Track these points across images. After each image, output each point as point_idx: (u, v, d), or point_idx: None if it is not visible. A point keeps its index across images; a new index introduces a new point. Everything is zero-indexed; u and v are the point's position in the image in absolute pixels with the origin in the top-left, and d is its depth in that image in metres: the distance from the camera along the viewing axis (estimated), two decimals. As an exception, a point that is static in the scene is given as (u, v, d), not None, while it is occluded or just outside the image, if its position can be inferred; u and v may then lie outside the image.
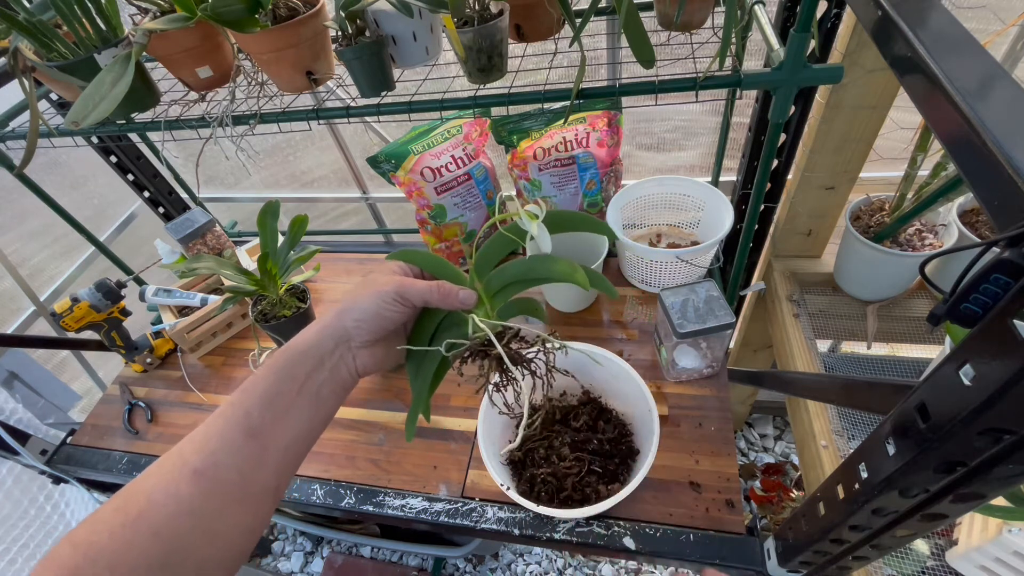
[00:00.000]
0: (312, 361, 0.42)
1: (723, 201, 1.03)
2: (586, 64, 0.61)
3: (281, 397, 0.40)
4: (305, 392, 0.41)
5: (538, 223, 0.44)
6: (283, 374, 0.41)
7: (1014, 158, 0.29)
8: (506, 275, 0.48)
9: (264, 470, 0.39)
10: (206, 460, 0.37)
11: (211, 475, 0.36)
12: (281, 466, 0.40)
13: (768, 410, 1.87)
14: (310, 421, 0.42)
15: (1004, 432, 0.29)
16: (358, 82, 0.69)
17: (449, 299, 0.45)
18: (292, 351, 0.42)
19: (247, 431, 0.38)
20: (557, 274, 0.46)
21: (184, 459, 0.37)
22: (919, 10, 0.44)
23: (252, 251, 1.36)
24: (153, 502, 0.35)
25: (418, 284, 0.45)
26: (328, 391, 0.43)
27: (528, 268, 0.47)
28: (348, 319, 0.43)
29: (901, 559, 0.76)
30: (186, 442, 0.38)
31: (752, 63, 1.08)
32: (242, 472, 0.37)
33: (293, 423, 0.40)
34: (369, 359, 0.45)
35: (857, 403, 0.64)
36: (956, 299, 0.31)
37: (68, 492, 1.37)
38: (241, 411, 0.39)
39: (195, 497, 0.35)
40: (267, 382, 0.41)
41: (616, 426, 0.86)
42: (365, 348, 0.44)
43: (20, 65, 0.68)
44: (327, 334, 0.43)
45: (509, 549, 1.70)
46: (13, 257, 1.28)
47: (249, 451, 0.38)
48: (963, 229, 0.89)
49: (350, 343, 0.44)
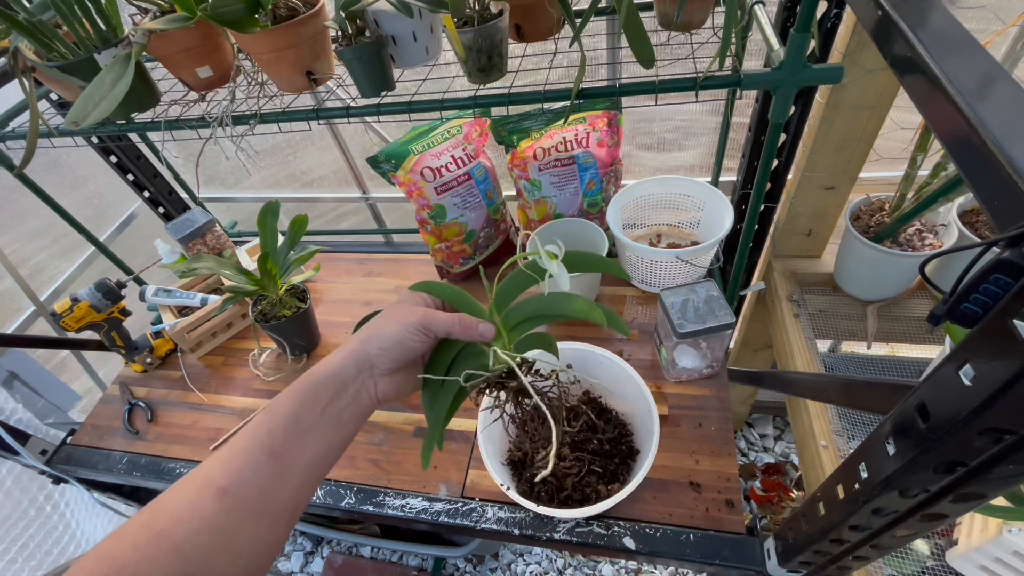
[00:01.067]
0: (336, 386, 0.44)
1: (723, 201, 1.03)
2: (586, 64, 0.61)
3: (304, 419, 0.42)
4: (327, 415, 0.43)
5: (558, 262, 0.46)
6: (307, 397, 0.43)
7: (1014, 158, 0.29)
8: (525, 311, 0.50)
9: (284, 489, 0.40)
10: (230, 478, 0.38)
11: (234, 492, 0.37)
12: (300, 486, 0.41)
13: (768, 410, 1.87)
14: (329, 443, 0.43)
15: (1004, 432, 0.29)
16: (358, 82, 0.69)
17: (470, 331, 0.47)
18: (317, 375, 0.44)
19: (269, 451, 0.40)
20: (575, 312, 0.48)
21: (209, 476, 0.38)
22: (919, 10, 0.44)
23: (252, 251, 1.36)
24: (177, 518, 0.36)
25: (441, 316, 0.47)
26: (349, 415, 0.44)
27: (547, 305, 0.49)
28: (372, 346, 0.45)
29: (901, 559, 0.76)
30: (212, 460, 0.39)
31: (752, 63, 1.08)
32: (263, 490, 0.39)
33: (313, 445, 0.42)
34: (390, 386, 0.46)
35: (857, 403, 0.64)
36: (956, 299, 0.31)
37: (68, 492, 1.37)
38: (265, 431, 0.41)
39: (218, 513, 0.36)
40: (291, 404, 0.42)
41: (616, 426, 0.86)
42: (386, 375, 0.46)
43: (20, 65, 0.68)
44: (351, 360, 0.45)
45: (509, 549, 1.70)
46: (13, 257, 1.28)
47: (270, 470, 0.39)
48: (963, 229, 0.89)
49: (373, 370, 0.45)
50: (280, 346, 1.12)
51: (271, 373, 1.12)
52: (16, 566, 1.21)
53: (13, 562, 1.20)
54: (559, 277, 0.46)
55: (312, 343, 1.15)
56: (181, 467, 0.99)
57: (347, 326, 1.20)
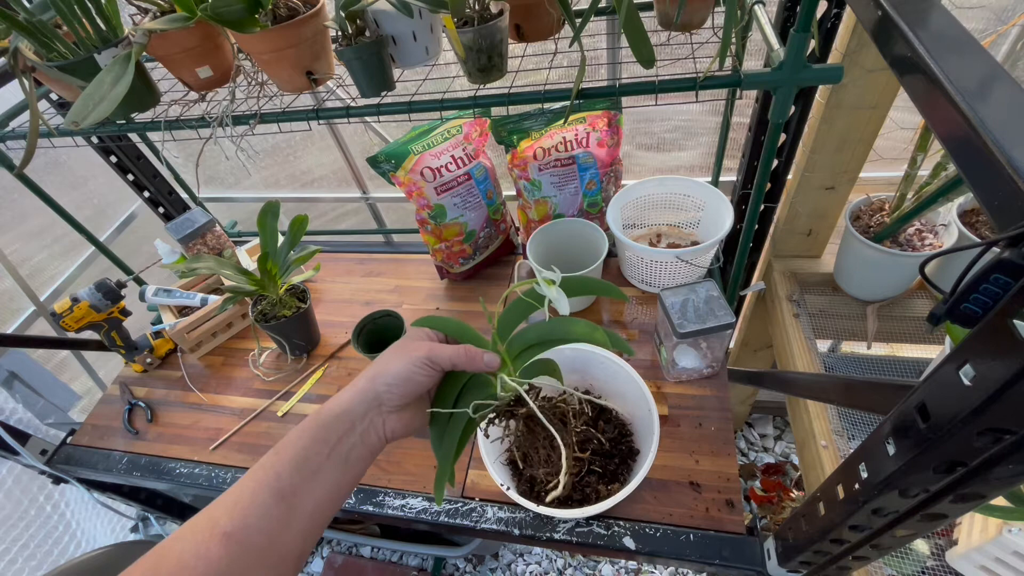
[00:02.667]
0: (344, 425, 0.43)
1: (723, 201, 1.03)
2: (586, 64, 0.61)
3: (311, 460, 0.41)
4: (335, 456, 0.43)
5: (556, 288, 0.47)
6: (315, 437, 0.42)
7: (1014, 158, 0.29)
8: (527, 338, 0.50)
9: (291, 533, 0.39)
10: (236, 522, 0.37)
11: (240, 537, 0.37)
12: (307, 529, 0.41)
13: (768, 410, 1.87)
14: (337, 484, 0.43)
15: (1004, 432, 0.29)
16: (358, 82, 0.69)
17: (475, 362, 0.47)
18: (325, 414, 0.44)
19: (277, 493, 0.39)
20: (576, 335, 0.48)
21: (215, 521, 0.38)
22: (919, 10, 0.44)
23: (252, 251, 1.36)
24: (183, 564, 0.35)
25: (447, 349, 0.46)
26: (357, 455, 0.44)
27: (549, 331, 0.49)
28: (380, 383, 0.45)
29: (901, 559, 0.76)
30: (218, 504, 0.39)
31: (752, 63, 1.08)
32: (270, 535, 0.38)
33: (321, 486, 0.41)
34: (398, 423, 0.46)
35: (857, 403, 0.64)
36: (956, 299, 0.31)
37: (68, 492, 1.37)
38: (272, 473, 0.40)
39: (223, 559, 0.36)
40: (299, 445, 0.42)
41: (616, 426, 0.86)
42: (395, 412, 0.46)
43: (20, 65, 0.68)
44: (359, 399, 0.45)
45: (509, 549, 1.70)
46: (13, 257, 1.28)
47: (277, 513, 0.39)
48: (963, 229, 0.89)
49: (381, 408, 0.45)
50: (280, 346, 1.12)
51: (271, 373, 1.12)
52: (16, 566, 1.21)
53: (13, 562, 1.20)
54: (558, 303, 0.47)
55: (312, 343, 1.15)
56: (181, 467, 0.99)
57: (347, 326, 1.20)
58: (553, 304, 0.47)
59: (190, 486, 0.97)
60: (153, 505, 1.31)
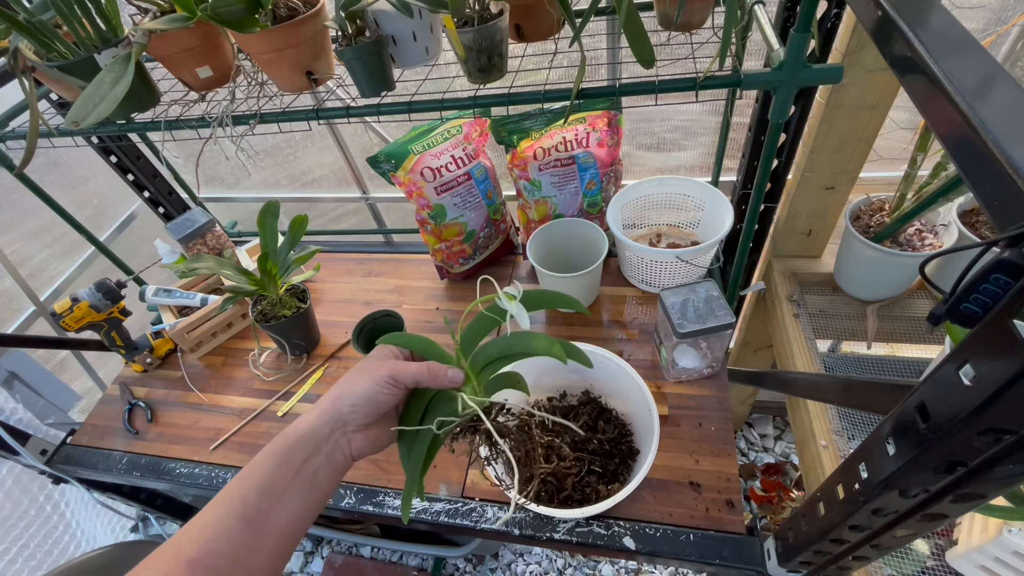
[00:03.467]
0: (310, 446, 0.44)
1: (723, 201, 1.03)
2: (586, 64, 0.61)
3: (277, 483, 0.42)
4: (301, 477, 0.43)
5: (516, 303, 0.48)
6: (280, 459, 0.42)
7: (1014, 158, 0.29)
8: (490, 352, 0.51)
9: (258, 557, 0.39)
10: (201, 549, 0.37)
11: (205, 563, 0.37)
12: (275, 552, 0.41)
13: (768, 410, 1.87)
14: (304, 506, 0.43)
15: (1004, 432, 0.29)
16: (358, 82, 0.69)
17: (438, 379, 0.47)
18: (290, 437, 0.44)
19: (243, 518, 0.39)
20: (536, 349, 0.49)
21: (180, 550, 0.37)
22: (919, 10, 0.44)
23: (252, 251, 1.36)
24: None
25: (410, 366, 0.47)
26: (324, 475, 0.44)
27: (509, 345, 0.50)
28: (344, 404, 0.45)
29: (901, 559, 0.76)
30: (184, 532, 0.39)
31: (752, 63, 1.08)
32: (237, 560, 0.38)
33: (287, 509, 0.42)
34: (364, 442, 0.47)
35: (857, 403, 0.64)
36: (956, 299, 0.31)
37: (68, 492, 1.37)
38: (238, 498, 0.40)
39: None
40: (264, 468, 0.42)
41: (616, 426, 0.86)
42: (360, 432, 0.46)
43: (20, 65, 0.68)
44: (324, 420, 0.45)
45: (509, 549, 1.70)
46: (13, 257, 1.28)
47: (244, 538, 0.39)
48: (963, 229, 0.89)
49: (346, 427, 0.45)
50: (280, 346, 1.12)
51: (271, 373, 1.12)
52: (16, 566, 1.21)
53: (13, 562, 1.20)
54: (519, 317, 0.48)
55: (312, 343, 1.15)
56: (181, 467, 0.99)
57: (347, 326, 1.20)
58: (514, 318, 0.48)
59: (190, 486, 0.97)
60: (153, 505, 1.31)
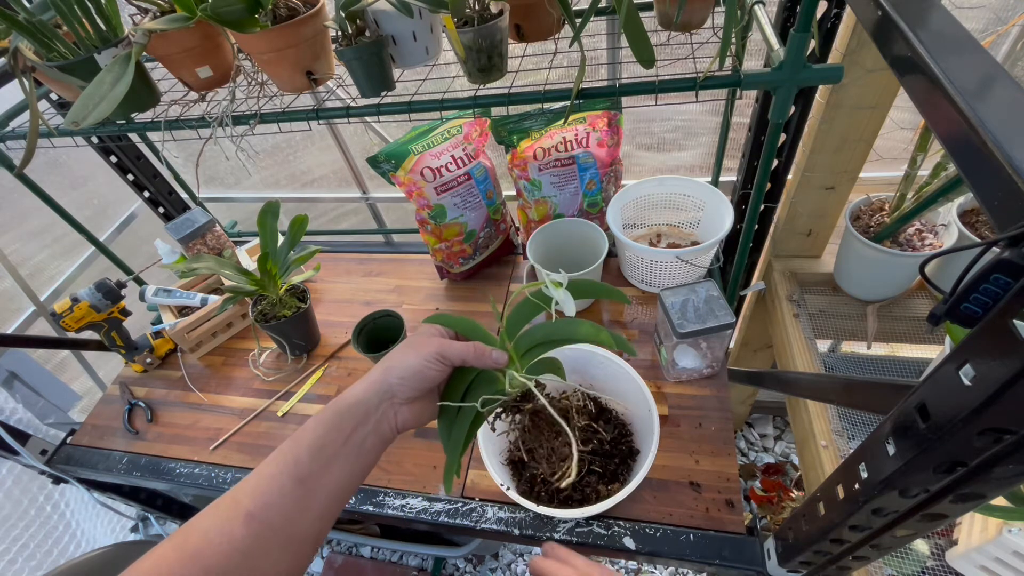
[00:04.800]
0: (359, 415, 0.46)
1: (723, 201, 1.03)
2: (586, 64, 0.61)
3: (328, 447, 0.44)
4: (350, 444, 0.45)
5: (563, 290, 0.49)
6: (331, 425, 0.45)
7: (1014, 158, 0.29)
8: (534, 337, 0.52)
9: (308, 515, 0.42)
10: (258, 503, 0.40)
11: (261, 517, 0.40)
12: (324, 512, 0.43)
13: (768, 410, 1.87)
14: (352, 471, 0.45)
15: (1004, 432, 0.29)
16: (358, 82, 0.69)
17: (484, 358, 0.49)
18: (341, 404, 0.46)
19: (295, 478, 0.42)
20: (581, 336, 0.50)
21: (238, 502, 0.40)
22: (919, 10, 0.44)
23: (252, 251, 1.36)
24: (209, 541, 0.38)
25: (456, 345, 0.49)
26: (371, 444, 0.46)
27: (554, 331, 0.51)
28: (393, 376, 0.47)
29: (901, 559, 0.76)
30: (240, 487, 0.42)
31: (752, 63, 1.08)
32: (289, 516, 0.41)
33: (337, 472, 0.44)
34: (409, 414, 0.49)
35: (857, 403, 0.64)
36: (956, 299, 0.31)
37: (68, 492, 1.37)
38: (291, 458, 0.43)
39: (246, 539, 0.38)
40: (316, 432, 0.44)
41: (616, 426, 0.86)
42: (406, 404, 0.48)
43: (20, 65, 0.68)
44: (373, 391, 0.47)
45: (509, 549, 1.70)
46: (13, 257, 1.28)
47: (296, 496, 0.41)
48: (963, 229, 0.89)
49: (393, 399, 0.48)
50: (280, 346, 1.12)
51: (271, 373, 1.12)
52: (16, 566, 1.21)
53: (13, 562, 1.20)
54: (565, 304, 0.48)
55: (312, 343, 1.15)
56: (181, 467, 0.99)
57: (347, 326, 1.20)
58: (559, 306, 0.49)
59: (190, 486, 0.97)
60: (153, 505, 1.31)
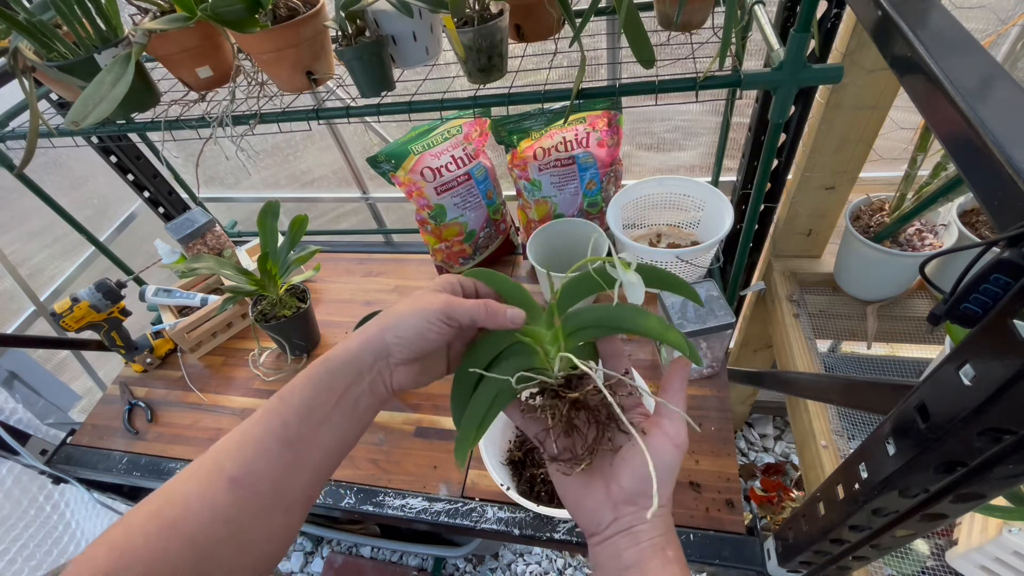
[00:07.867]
0: (352, 374, 0.42)
1: (723, 201, 1.03)
2: (586, 64, 0.61)
3: (319, 408, 0.40)
4: (342, 404, 0.41)
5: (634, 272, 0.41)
6: (322, 385, 0.41)
7: (1014, 158, 0.29)
8: (588, 317, 0.45)
9: (298, 481, 0.39)
10: (242, 468, 0.37)
11: (246, 483, 0.36)
12: (314, 477, 0.40)
13: (768, 410, 1.87)
14: (344, 434, 0.41)
15: (1004, 432, 0.29)
16: (358, 82, 0.69)
17: (497, 317, 0.43)
18: (332, 362, 0.42)
19: (284, 441, 0.38)
20: (647, 330, 0.42)
21: (220, 465, 0.37)
22: (919, 10, 0.44)
23: (252, 251, 1.36)
24: (189, 508, 0.35)
25: (466, 303, 0.43)
26: (365, 404, 0.42)
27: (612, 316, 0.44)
28: (390, 335, 0.42)
29: (901, 559, 0.76)
30: (221, 447, 0.38)
31: (752, 63, 1.08)
32: (276, 482, 0.38)
33: (328, 435, 0.40)
34: (406, 376, 0.44)
35: (857, 403, 0.64)
36: (956, 299, 0.31)
37: (68, 492, 1.36)
38: (279, 420, 0.39)
39: (230, 506, 0.35)
40: (305, 392, 0.40)
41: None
42: (403, 365, 0.44)
43: (20, 65, 0.68)
44: (367, 348, 0.42)
45: (509, 549, 1.70)
46: (13, 257, 1.28)
47: (284, 461, 0.38)
48: (963, 229, 0.89)
49: (389, 359, 0.43)
50: (280, 346, 1.12)
51: (271, 373, 1.12)
52: (16, 566, 1.21)
53: (13, 562, 1.20)
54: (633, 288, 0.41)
55: (312, 343, 1.15)
56: (181, 467, 0.99)
57: (347, 326, 1.20)
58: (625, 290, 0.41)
59: (190, 486, 0.97)
60: (153, 505, 1.31)
